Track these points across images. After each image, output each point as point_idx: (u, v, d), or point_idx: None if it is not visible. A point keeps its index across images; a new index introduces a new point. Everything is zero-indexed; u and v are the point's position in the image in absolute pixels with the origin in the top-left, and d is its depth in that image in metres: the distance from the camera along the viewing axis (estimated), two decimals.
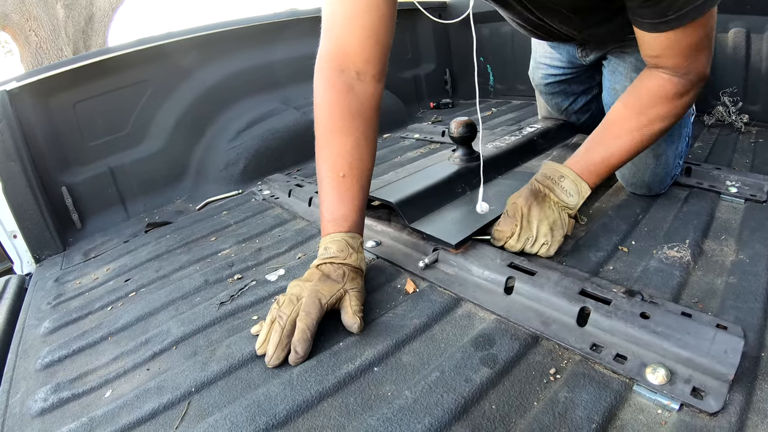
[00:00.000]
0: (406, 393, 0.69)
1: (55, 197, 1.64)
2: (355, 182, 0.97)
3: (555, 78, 1.53)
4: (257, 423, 0.68)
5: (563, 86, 1.54)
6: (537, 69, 1.58)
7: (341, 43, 0.97)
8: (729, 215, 1.10)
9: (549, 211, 0.98)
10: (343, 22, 0.96)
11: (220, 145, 1.93)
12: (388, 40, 0.99)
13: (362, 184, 0.98)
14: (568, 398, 0.65)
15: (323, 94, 0.98)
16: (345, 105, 0.97)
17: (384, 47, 0.98)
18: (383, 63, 1.00)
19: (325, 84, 0.98)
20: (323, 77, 0.98)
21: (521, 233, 0.97)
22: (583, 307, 0.78)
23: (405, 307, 0.91)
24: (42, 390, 0.85)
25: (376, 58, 0.98)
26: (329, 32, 0.99)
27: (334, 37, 0.98)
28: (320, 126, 0.99)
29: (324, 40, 1.00)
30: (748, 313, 0.77)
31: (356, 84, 0.98)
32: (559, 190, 0.98)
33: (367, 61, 0.97)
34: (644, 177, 1.22)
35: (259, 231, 1.38)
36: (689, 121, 1.22)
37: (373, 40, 0.96)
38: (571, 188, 0.98)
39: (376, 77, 1.00)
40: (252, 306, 1.00)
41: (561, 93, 1.56)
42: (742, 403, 0.61)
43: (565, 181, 0.99)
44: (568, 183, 0.98)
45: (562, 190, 0.98)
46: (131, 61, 1.78)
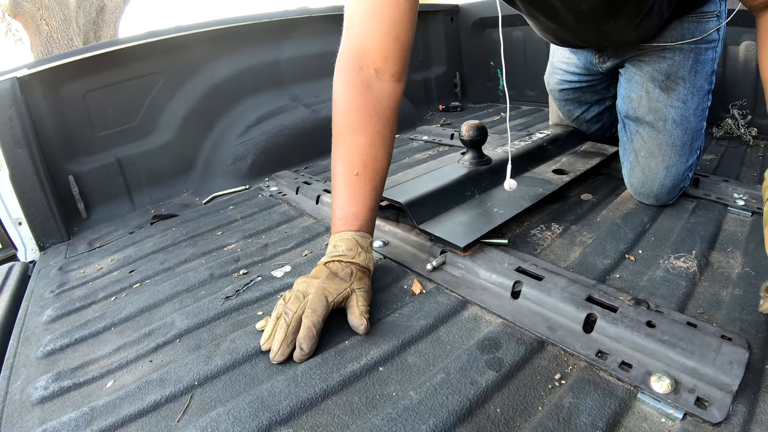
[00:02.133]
0: (410, 394, 0.69)
1: (61, 186, 1.64)
2: (368, 181, 0.96)
3: (570, 84, 1.53)
4: (260, 419, 0.68)
5: (577, 94, 1.54)
6: (553, 74, 1.58)
7: (360, 39, 0.96)
8: (736, 228, 1.10)
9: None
10: (363, 19, 0.95)
11: (228, 140, 1.94)
12: (409, 37, 0.97)
13: (375, 183, 0.97)
14: (573, 404, 0.65)
15: (341, 91, 0.97)
16: (362, 103, 0.96)
17: (404, 45, 0.97)
18: (403, 62, 0.99)
19: (343, 81, 0.97)
20: (342, 74, 0.97)
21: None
22: (589, 314, 0.78)
23: (411, 308, 0.91)
24: (43, 378, 0.84)
25: (396, 55, 0.96)
26: (349, 29, 0.98)
27: (353, 34, 0.97)
28: (337, 123, 0.98)
29: (345, 36, 0.98)
30: (753, 326, 0.77)
31: (374, 82, 0.97)
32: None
33: (386, 59, 0.96)
34: (653, 188, 1.21)
35: (265, 227, 1.38)
36: (702, 134, 1.22)
37: (392, 36, 0.95)
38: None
39: (395, 76, 0.98)
40: (257, 301, 1.00)
41: (574, 101, 1.56)
42: (745, 414, 0.61)
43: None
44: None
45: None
46: (143, 53, 1.78)
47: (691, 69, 1.16)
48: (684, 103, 1.17)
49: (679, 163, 1.19)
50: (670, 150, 1.20)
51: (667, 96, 1.19)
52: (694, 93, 1.17)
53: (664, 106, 1.19)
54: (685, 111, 1.18)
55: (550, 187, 1.26)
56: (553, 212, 1.25)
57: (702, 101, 1.18)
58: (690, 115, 1.18)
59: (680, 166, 1.20)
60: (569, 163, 1.43)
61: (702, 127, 1.21)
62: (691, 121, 1.18)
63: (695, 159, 1.23)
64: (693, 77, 1.16)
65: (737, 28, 1.69)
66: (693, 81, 1.17)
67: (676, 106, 1.18)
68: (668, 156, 1.20)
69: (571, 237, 1.12)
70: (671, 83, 1.18)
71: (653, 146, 1.23)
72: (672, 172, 1.19)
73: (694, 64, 1.16)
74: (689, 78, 1.17)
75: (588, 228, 1.16)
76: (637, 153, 1.26)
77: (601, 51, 1.35)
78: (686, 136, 1.19)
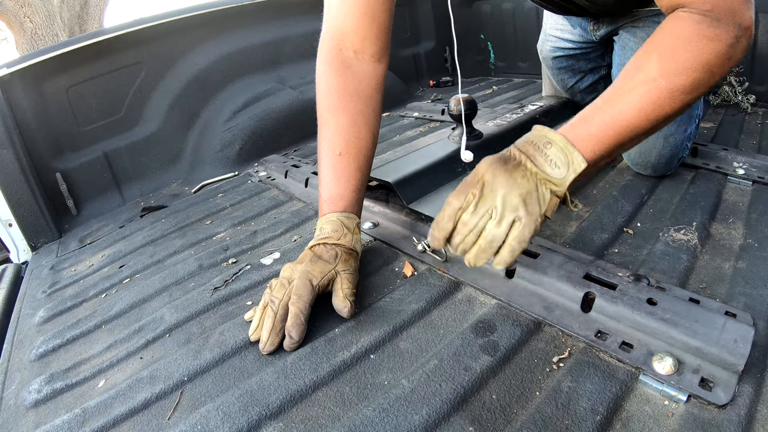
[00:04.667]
0: (403, 382, 0.67)
1: (49, 184, 1.62)
2: (351, 161, 0.95)
3: (564, 52, 1.49)
4: (250, 413, 0.66)
5: (571, 62, 1.50)
6: (546, 41, 1.53)
7: (338, 22, 0.97)
8: (736, 197, 1.07)
9: (522, 181, 0.71)
10: (340, 2, 0.96)
11: (215, 127, 1.90)
12: (386, 18, 0.97)
13: (360, 163, 0.96)
14: (572, 388, 0.63)
15: (322, 73, 0.98)
16: (342, 83, 0.96)
17: (381, 25, 0.97)
18: (382, 41, 0.99)
19: (324, 64, 0.98)
20: (323, 57, 0.99)
21: (479, 204, 0.72)
22: (587, 292, 0.76)
23: (403, 291, 0.89)
24: (36, 381, 0.83)
25: (374, 36, 0.97)
26: (328, 12, 0.99)
27: (332, 17, 0.98)
28: (319, 105, 0.99)
29: (324, 21, 1.00)
30: (758, 300, 0.74)
31: (354, 63, 0.98)
32: (542, 159, 0.73)
33: (363, 39, 0.97)
34: (650, 158, 1.18)
35: (254, 213, 1.36)
36: (700, 103, 1.18)
37: (369, 18, 0.95)
38: (558, 158, 0.73)
39: (375, 56, 0.99)
40: (246, 291, 0.98)
41: (568, 69, 1.52)
42: (751, 394, 0.59)
43: (551, 149, 0.73)
44: (555, 151, 0.73)
45: (545, 158, 0.73)
46: (124, 44, 1.74)
47: None
48: None
49: (678, 133, 1.16)
50: None
51: None
52: None
53: None
54: None
55: None
56: None
57: None
58: None
59: (678, 136, 1.16)
60: None
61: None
62: None
63: (694, 128, 1.19)
64: None
65: None
66: None
67: None
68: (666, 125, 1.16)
69: (567, 211, 1.09)
70: None
71: None
72: (670, 141, 1.16)
73: None
74: None
75: (584, 201, 1.13)
76: None
77: (596, 18, 1.30)
78: None
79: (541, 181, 0.72)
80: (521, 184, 0.71)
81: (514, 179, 0.72)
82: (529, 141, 0.76)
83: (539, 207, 0.71)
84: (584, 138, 0.73)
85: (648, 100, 0.71)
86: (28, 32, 5.77)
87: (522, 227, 0.70)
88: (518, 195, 0.70)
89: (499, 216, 0.71)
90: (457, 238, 0.74)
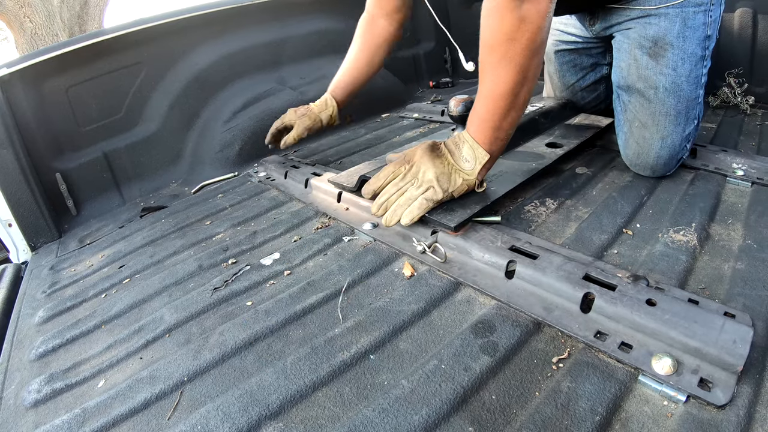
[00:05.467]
0: (402, 382, 0.68)
1: (49, 184, 1.62)
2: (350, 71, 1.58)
3: (566, 45, 1.50)
4: (250, 414, 0.66)
5: (573, 56, 1.50)
6: (550, 36, 1.54)
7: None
8: (736, 199, 1.07)
9: (441, 165, 1.00)
10: None
11: (215, 127, 1.90)
12: None
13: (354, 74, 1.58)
14: (571, 388, 0.63)
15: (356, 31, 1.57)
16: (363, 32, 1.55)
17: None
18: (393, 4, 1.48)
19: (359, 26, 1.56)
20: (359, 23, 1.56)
21: (408, 174, 1.02)
22: (587, 293, 0.76)
23: (402, 292, 0.89)
24: (36, 381, 0.83)
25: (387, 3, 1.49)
26: None
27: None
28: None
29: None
30: (757, 301, 0.74)
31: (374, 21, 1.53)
32: (458, 155, 1.01)
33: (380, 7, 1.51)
34: (649, 159, 1.19)
35: (254, 214, 1.36)
36: (699, 103, 1.18)
37: None
38: (468, 154, 1.00)
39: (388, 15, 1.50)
40: (246, 291, 0.99)
41: (570, 64, 1.53)
42: (750, 395, 0.59)
43: (464, 147, 1.01)
44: (467, 149, 1.00)
45: (460, 155, 1.01)
46: (124, 44, 1.74)
47: (679, 34, 1.12)
48: (674, 69, 1.13)
49: (675, 134, 1.16)
50: (664, 120, 1.17)
51: (656, 63, 1.15)
52: (685, 59, 1.13)
53: (654, 73, 1.16)
54: (677, 78, 1.14)
55: (543, 162, 1.23)
56: (548, 187, 1.22)
57: (695, 68, 1.14)
58: (682, 82, 1.14)
59: (676, 137, 1.16)
60: (563, 136, 1.40)
61: (698, 95, 1.17)
62: (684, 88, 1.14)
63: (693, 129, 1.19)
64: (682, 42, 1.12)
65: None
66: (682, 47, 1.12)
67: (666, 74, 1.14)
68: (663, 126, 1.17)
69: (567, 212, 1.10)
70: (659, 50, 1.14)
71: (646, 116, 1.19)
72: (668, 142, 1.16)
73: (682, 28, 1.11)
74: (678, 44, 1.12)
75: (584, 202, 1.13)
76: (630, 124, 1.24)
77: (593, 13, 1.31)
78: (680, 104, 1.15)
79: (456, 170, 1.01)
80: (440, 167, 1.00)
81: (436, 163, 1.00)
82: (453, 140, 1.04)
83: (449, 185, 1.00)
84: (480, 131, 0.99)
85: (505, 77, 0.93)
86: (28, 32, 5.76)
87: (432, 192, 0.99)
88: (435, 173, 0.99)
89: (419, 183, 1.00)
90: (384, 196, 1.03)
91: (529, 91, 0.96)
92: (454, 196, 1.01)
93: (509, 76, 0.92)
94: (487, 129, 0.98)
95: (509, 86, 0.93)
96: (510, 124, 0.98)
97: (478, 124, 0.99)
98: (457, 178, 1.00)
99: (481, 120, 0.98)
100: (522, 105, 0.97)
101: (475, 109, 1.00)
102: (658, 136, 1.16)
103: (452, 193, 1.00)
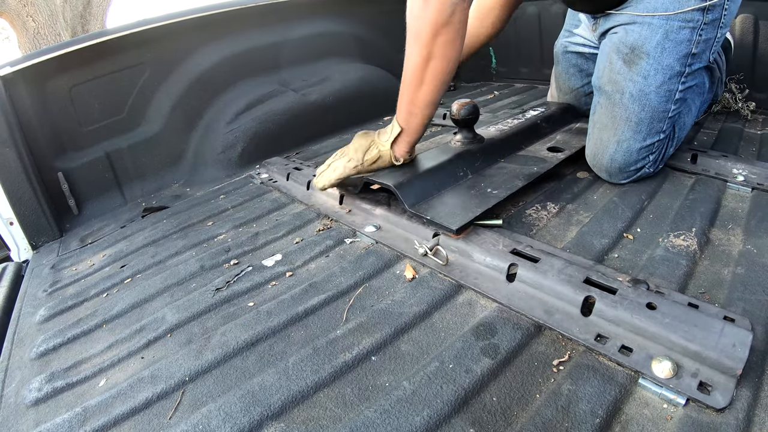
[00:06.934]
0: (404, 384, 0.68)
1: (51, 183, 1.62)
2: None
3: (574, 47, 1.50)
4: (251, 414, 0.67)
5: (580, 60, 1.50)
6: (561, 37, 1.56)
7: None
8: (736, 204, 1.08)
9: (364, 141, 1.20)
10: None
11: (218, 128, 1.90)
12: None
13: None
14: (572, 391, 0.64)
15: None
16: None
17: None
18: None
19: None
20: None
21: (343, 153, 1.24)
22: (587, 296, 0.76)
23: (404, 294, 0.89)
24: (36, 379, 0.84)
25: None
26: None
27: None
28: None
29: None
30: (756, 306, 0.75)
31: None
32: (382, 132, 1.19)
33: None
34: (603, 161, 1.20)
35: (256, 215, 1.36)
36: (668, 118, 1.16)
37: None
38: (388, 129, 1.18)
39: None
40: (248, 292, 0.99)
41: (576, 68, 1.53)
42: (749, 398, 0.59)
43: (389, 126, 1.18)
44: (389, 127, 1.18)
45: (384, 132, 1.19)
46: (127, 44, 1.74)
47: (658, 45, 1.10)
48: (645, 78, 1.12)
49: (633, 140, 1.16)
50: (623, 124, 1.16)
51: (629, 69, 1.14)
52: (658, 70, 1.11)
53: (624, 79, 1.15)
54: (645, 86, 1.13)
55: (545, 166, 1.24)
56: (549, 191, 1.23)
57: (669, 82, 1.12)
58: (651, 92, 1.12)
59: (633, 143, 1.16)
60: (564, 141, 1.40)
61: (667, 109, 1.14)
62: (651, 98, 1.13)
63: (657, 141, 1.17)
64: (659, 54, 1.10)
65: None
66: (659, 58, 1.10)
67: (635, 80, 1.13)
68: (620, 130, 1.17)
69: (568, 216, 1.10)
70: (634, 57, 1.13)
71: (607, 118, 1.20)
72: (623, 147, 1.16)
73: (662, 40, 1.09)
74: (654, 54, 1.10)
75: (585, 207, 1.13)
76: (594, 124, 1.24)
77: (596, 17, 1.31)
78: (644, 113, 1.14)
79: (375, 144, 1.19)
80: (362, 143, 1.20)
81: (360, 141, 1.21)
82: (387, 126, 1.19)
83: (364, 155, 1.18)
84: (399, 106, 1.12)
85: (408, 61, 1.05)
86: (31, 31, 5.77)
87: (348, 161, 1.20)
88: (356, 147, 1.20)
89: (347, 158, 1.21)
90: (320, 169, 1.29)
91: (438, 68, 1.04)
92: (368, 164, 1.19)
93: (416, 51, 1.03)
94: (402, 104, 1.11)
95: (417, 61, 1.03)
96: (423, 100, 1.08)
97: (398, 101, 1.12)
98: (373, 149, 1.18)
99: (400, 96, 1.11)
100: (432, 81, 1.05)
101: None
102: (614, 140, 1.17)
103: (366, 161, 1.18)
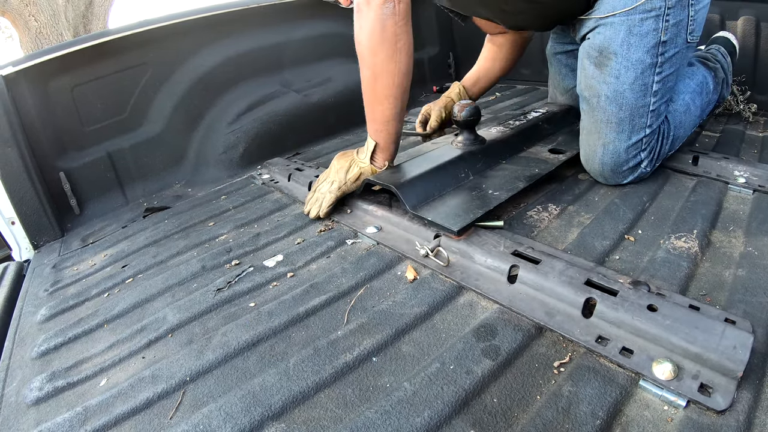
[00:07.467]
0: (405, 385, 0.68)
1: (53, 183, 1.62)
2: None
3: (561, 47, 1.51)
4: (252, 414, 0.67)
5: (570, 60, 1.51)
6: (551, 39, 1.57)
7: None
8: (737, 206, 1.08)
9: (344, 162, 1.24)
10: None
11: (219, 129, 1.91)
12: None
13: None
14: (573, 392, 0.64)
15: None
16: None
17: None
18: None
19: None
20: None
21: (326, 177, 1.27)
22: (588, 298, 0.76)
23: (405, 295, 0.89)
24: (37, 378, 0.84)
25: None
26: None
27: None
28: None
29: None
30: (757, 308, 0.75)
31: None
32: (361, 150, 1.25)
33: None
34: (594, 164, 1.21)
35: (257, 216, 1.37)
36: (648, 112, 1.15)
37: None
38: (364, 147, 1.24)
39: None
40: (249, 293, 0.99)
41: (568, 68, 1.54)
42: (750, 401, 0.59)
43: (366, 144, 1.24)
44: (366, 145, 1.24)
45: (362, 150, 1.25)
46: (129, 44, 1.74)
47: (623, 42, 1.10)
48: (617, 78, 1.12)
49: (617, 141, 1.16)
50: (605, 127, 1.17)
51: (600, 72, 1.14)
52: (629, 67, 1.11)
53: (598, 82, 1.15)
54: (618, 86, 1.12)
55: (546, 167, 1.24)
56: (550, 192, 1.23)
57: (642, 76, 1.11)
58: (625, 90, 1.12)
59: (619, 144, 1.16)
60: (566, 142, 1.40)
61: (646, 103, 1.14)
62: (627, 96, 1.13)
63: (643, 137, 1.17)
64: (626, 51, 1.10)
65: (735, 2, 1.66)
66: (626, 55, 1.10)
67: (608, 82, 1.13)
68: (604, 133, 1.17)
69: (569, 218, 1.10)
70: (604, 59, 1.13)
71: (590, 123, 1.21)
72: (609, 149, 1.16)
73: (626, 36, 1.09)
74: (621, 52, 1.10)
75: (586, 208, 1.13)
76: (582, 129, 1.25)
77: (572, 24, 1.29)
78: (622, 112, 1.14)
79: (355, 163, 1.24)
80: (342, 163, 1.24)
81: (340, 162, 1.25)
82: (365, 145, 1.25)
83: (345, 175, 1.22)
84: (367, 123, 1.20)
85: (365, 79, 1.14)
86: (33, 31, 5.78)
87: (332, 185, 1.23)
88: (337, 169, 1.24)
89: (329, 181, 1.24)
90: (308, 196, 1.30)
91: (386, 84, 1.12)
92: (351, 182, 1.23)
93: (364, 73, 1.13)
94: (368, 122, 1.20)
95: (366, 82, 1.14)
96: (383, 115, 1.16)
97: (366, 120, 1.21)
98: (354, 167, 1.23)
99: (366, 115, 1.20)
100: (385, 98, 1.14)
101: None
102: (600, 143, 1.17)
103: (348, 179, 1.22)
